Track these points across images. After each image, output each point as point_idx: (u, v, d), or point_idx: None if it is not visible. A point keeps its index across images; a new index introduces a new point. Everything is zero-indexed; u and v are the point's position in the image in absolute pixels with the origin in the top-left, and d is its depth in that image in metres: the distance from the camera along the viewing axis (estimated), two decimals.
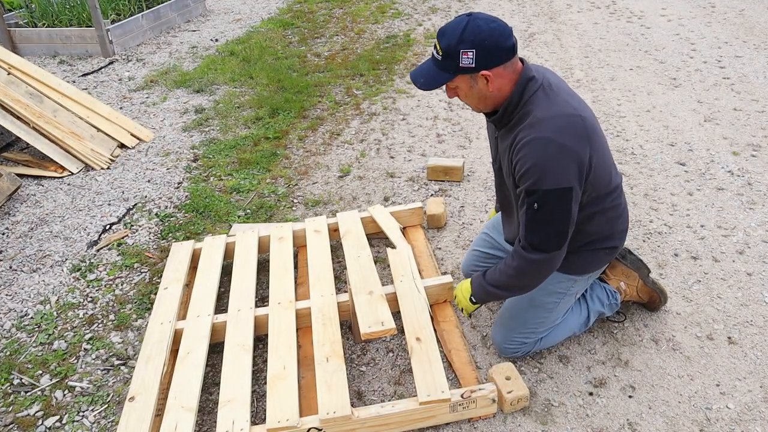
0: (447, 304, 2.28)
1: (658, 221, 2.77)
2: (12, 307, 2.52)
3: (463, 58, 1.58)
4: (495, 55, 1.59)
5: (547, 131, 1.59)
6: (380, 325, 1.82)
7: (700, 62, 4.50)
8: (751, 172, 3.10)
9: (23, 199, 3.27)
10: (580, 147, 1.60)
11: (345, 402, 1.75)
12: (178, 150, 3.70)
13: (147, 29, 5.73)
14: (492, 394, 1.81)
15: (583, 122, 1.62)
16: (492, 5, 6.25)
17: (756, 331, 2.16)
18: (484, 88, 1.65)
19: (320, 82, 4.55)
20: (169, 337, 2.07)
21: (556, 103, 1.63)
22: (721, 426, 1.83)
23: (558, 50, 4.92)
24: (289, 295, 2.21)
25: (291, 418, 1.72)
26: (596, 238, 1.88)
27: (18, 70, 3.72)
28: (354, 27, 5.84)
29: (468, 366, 2.01)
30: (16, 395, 2.11)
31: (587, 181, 1.66)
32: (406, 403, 1.79)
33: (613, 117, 3.77)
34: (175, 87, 4.59)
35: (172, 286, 2.34)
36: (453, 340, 2.12)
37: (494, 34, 1.57)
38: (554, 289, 1.95)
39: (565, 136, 1.59)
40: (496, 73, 1.62)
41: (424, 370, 1.84)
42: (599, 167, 1.68)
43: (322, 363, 1.89)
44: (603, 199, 1.77)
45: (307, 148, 3.64)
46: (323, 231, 2.55)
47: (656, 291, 2.16)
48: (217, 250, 2.49)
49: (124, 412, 1.81)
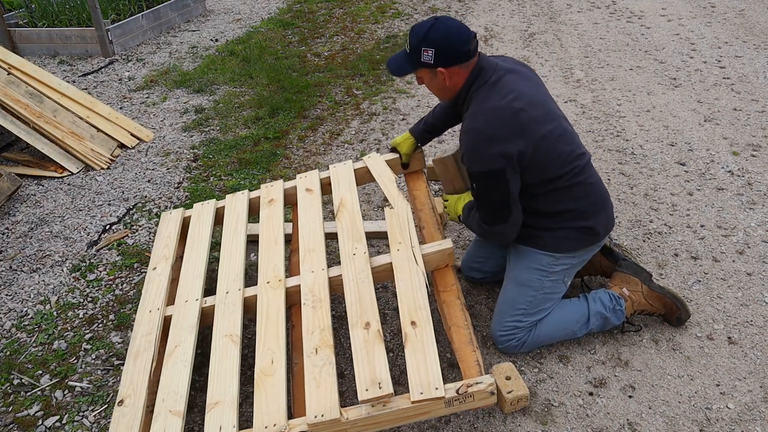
0: (448, 269, 2.10)
1: (658, 221, 2.77)
2: (12, 307, 2.52)
3: (424, 55, 1.87)
4: (451, 56, 1.87)
5: (477, 122, 1.86)
6: (377, 389, 1.66)
7: (700, 62, 4.50)
8: (751, 172, 3.10)
9: (23, 199, 3.27)
10: (506, 136, 1.82)
11: (334, 403, 1.66)
12: (178, 150, 3.70)
13: (147, 29, 5.73)
14: (490, 387, 1.70)
15: (516, 115, 1.83)
16: (492, 5, 6.25)
17: (756, 331, 2.16)
18: (442, 82, 1.94)
19: (320, 82, 4.55)
20: (157, 328, 2.00)
21: (491, 98, 1.86)
22: (721, 426, 1.83)
23: (558, 50, 4.92)
24: (278, 273, 2.08)
25: (279, 422, 1.64)
26: (563, 216, 1.97)
27: (18, 70, 3.72)
28: (354, 27, 5.84)
29: (467, 346, 1.86)
30: (16, 395, 2.11)
31: (531, 164, 1.86)
32: (397, 401, 1.69)
33: (613, 117, 3.77)
34: (175, 87, 4.59)
35: (161, 265, 2.24)
36: (453, 315, 1.97)
37: (452, 39, 1.85)
38: (532, 265, 2.02)
39: (491, 127, 1.83)
40: (453, 71, 1.90)
41: (418, 362, 1.72)
42: (545, 152, 1.87)
43: (311, 355, 1.78)
44: (556, 179, 1.92)
45: (307, 148, 3.64)
46: (315, 189, 2.37)
47: (668, 297, 2.11)
48: (206, 220, 2.36)
49: (114, 417, 1.77)
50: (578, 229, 1.99)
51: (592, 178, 2.01)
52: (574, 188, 1.95)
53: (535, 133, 1.85)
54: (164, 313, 2.07)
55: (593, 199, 2.00)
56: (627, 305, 2.10)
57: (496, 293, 2.40)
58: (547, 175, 1.90)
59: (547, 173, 1.90)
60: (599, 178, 2.06)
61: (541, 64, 4.64)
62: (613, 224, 2.10)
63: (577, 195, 1.96)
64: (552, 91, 4.18)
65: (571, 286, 2.30)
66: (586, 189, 1.98)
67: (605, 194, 2.06)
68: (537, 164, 1.87)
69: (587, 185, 1.98)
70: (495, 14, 5.96)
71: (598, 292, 2.13)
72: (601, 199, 2.03)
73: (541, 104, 1.92)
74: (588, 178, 1.98)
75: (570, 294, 2.22)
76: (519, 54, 4.87)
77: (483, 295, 2.41)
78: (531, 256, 2.03)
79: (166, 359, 1.92)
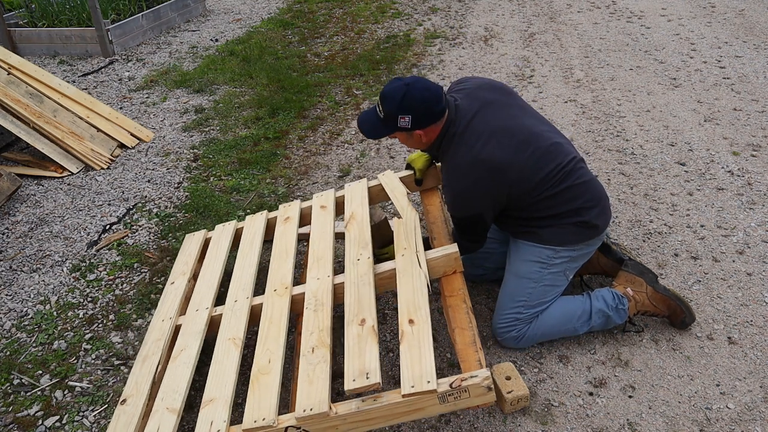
0: (456, 275, 2.08)
1: (658, 221, 2.77)
2: (12, 307, 2.52)
3: (401, 121, 1.94)
4: (426, 118, 1.94)
5: (450, 179, 1.99)
6: (365, 379, 1.64)
7: (700, 62, 4.50)
8: (751, 172, 3.10)
9: (23, 199, 3.27)
10: (484, 185, 1.93)
11: (323, 398, 1.64)
12: (178, 150, 3.70)
13: (147, 29, 5.73)
14: (486, 381, 1.61)
15: (485, 163, 1.91)
16: (492, 5, 6.25)
17: (756, 331, 2.16)
18: (418, 139, 2.02)
19: (320, 82, 4.55)
20: (167, 334, 2.06)
21: (459, 153, 1.96)
22: (721, 426, 1.83)
23: (558, 50, 4.92)
24: (285, 281, 2.11)
25: (267, 417, 1.64)
26: (559, 216, 2.01)
27: (18, 70, 3.72)
28: (354, 27, 5.83)
29: (470, 347, 1.80)
30: (16, 395, 2.11)
31: (512, 196, 1.96)
32: (388, 395, 1.64)
33: (613, 117, 3.77)
34: (175, 87, 4.59)
35: (179, 280, 2.32)
36: (458, 318, 1.93)
37: (426, 102, 1.92)
38: (532, 258, 2.06)
39: (461, 184, 1.95)
40: (428, 130, 1.98)
41: (413, 358, 1.69)
42: (525, 182, 1.95)
43: (306, 354, 1.79)
44: (543, 191, 1.97)
45: (307, 148, 3.64)
46: (329, 206, 2.43)
47: (672, 299, 2.10)
48: (225, 238, 2.45)
49: (115, 414, 1.81)
50: (576, 224, 2.02)
51: (583, 178, 2.02)
52: (564, 192, 1.99)
53: (507, 173, 1.92)
54: (176, 322, 2.13)
55: (587, 197, 2.02)
56: (630, 305, 2.10)
57: (496, 293, 2.40)
58: (533, 192, 1.97)
59: (532, 192, 1.97)
60: (591, 175, 2.07)
61: (541, 64, 4.64)
62: (611, 217, 2.12)
63: (569, 197, 2.00)
64: (552, 91, 4.18)
65: (571, 285, 2.30)
66: (576, 190, 2.00)
67: (599, 189, 2.08)
68: (519, 193, 1.96)
69: (576, 186, 2.00)
70: (495, 14, 5.96)
71: (601, 290, 2.13)
72: (595, 195, 2.04)
73: (512, 132, 1.96)
74: (577, 179, 2.00)
75: (570, 294, 2.22)
76: (519, 54, 4.87)
77: (483, 295, 2.41)
78: (531, 249, 2.06)
79: (171, 362, 1.96)
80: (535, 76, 4.45)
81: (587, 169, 2.08)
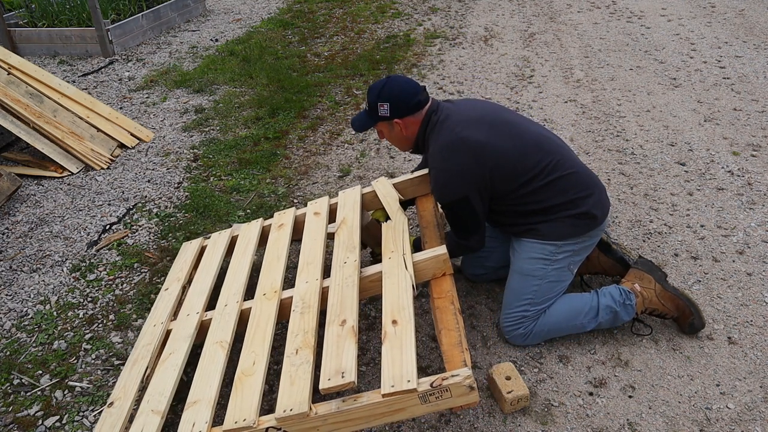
0: (446, 277, 2.07)
1: (658, 221, 2.77)
2: (12, 307, 2.52)
3: (380, 109, 2.08)
4: (404, 108, 2.07)
5: (434, 161, 2.04)
6: (340, 377, 1.63)
7: (700, 62, 4.50)
8: (751, 172, 3.10)
9: (23, 199, 3.27)
10: (465, 165, 1.97)
11: (304, 399, 1.63)
12: (178, 150, 3.70)
13: (147, 29, 5.73)
14: (468, 380, 1.57)
15: (465, 143, 1.97)
16: (492, 5, 6.25)
17: (756, 331, 2.16)
18: (399, 133, 2.13)
19: (320, 82, 4.55)
20: (158, 339, 2.08)
21: (441, 136, 2.03)
22: (721, 426, 1.83)
23: (558, 50, 4.92)
24: (275, 285, 2.13)
25: (248, 418, 1.64)
26: (554, 209, 2.02)
27: (18, 70, 3.72)
28: (354, 27, 5.84)
29: (456, 348, 1.76)
30: (16, 395, 2.11)
31: (497, 179, 1.99)
32: (368, 395, 1.62)
33: (613, 117, 3.77)
34: (175, 87, 4.59)
35: (173, 286, 2.34)
36: (445, 319, 1.90)
37: (404, 93, 2.06)
38: (535, 255, 2.07)
39: (444, 164, 1.99)
40: (407, 121, 2.09)
41: (393, 358, 1.67)
42: (508, 165, 1.99)
43: (290, 356, 1.79)
44: (531, 181, 2.01)
45: (307, 148, 3.64)
46: (323, 213, 2.44)
47: (681, 299, 2.09)
48: (220, 246, 2.47)
49: (101, 417, 1.83)
50: (573, 217, 2.03)
51: (572, 169, 2.04)
52: (555, 183, 2.01)
53: (486, 151, 1.97)
54: (167, 327, 2.14)
55: (579, 187, 2.03)
56: (638, 302, 2.10)
57: (497, 293, 2.40)
58: (520, 180, 2.00)
59: (518, 179, 2.00)
60: (582, 165, 2.09)
61: (541, 64, 4.65)
62: (609, 205, 2.12)
63: (560, 188, 2.01)
64: (552, 91, 4.18)
65: (571, 285, 2.30)
66: (567, 181, 2.02)
67: (592, 179, 2.09)
68: (503, 177, 1.99)
69: (567, 177, 2.02)
70: (495, 14, 5.96)
71: (608, 287, 2.14)
72: (588, 185, 2.06)
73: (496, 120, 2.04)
74: (565, 170, 2.02)
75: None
76: (519, 54, 4.87)
77: (483, 295, 2.41)
78: (533, 246, 2.08)
79: (159, 366, 1.97)
80: (535, 76, 4.45)
81: (581, 162, 2.10)
